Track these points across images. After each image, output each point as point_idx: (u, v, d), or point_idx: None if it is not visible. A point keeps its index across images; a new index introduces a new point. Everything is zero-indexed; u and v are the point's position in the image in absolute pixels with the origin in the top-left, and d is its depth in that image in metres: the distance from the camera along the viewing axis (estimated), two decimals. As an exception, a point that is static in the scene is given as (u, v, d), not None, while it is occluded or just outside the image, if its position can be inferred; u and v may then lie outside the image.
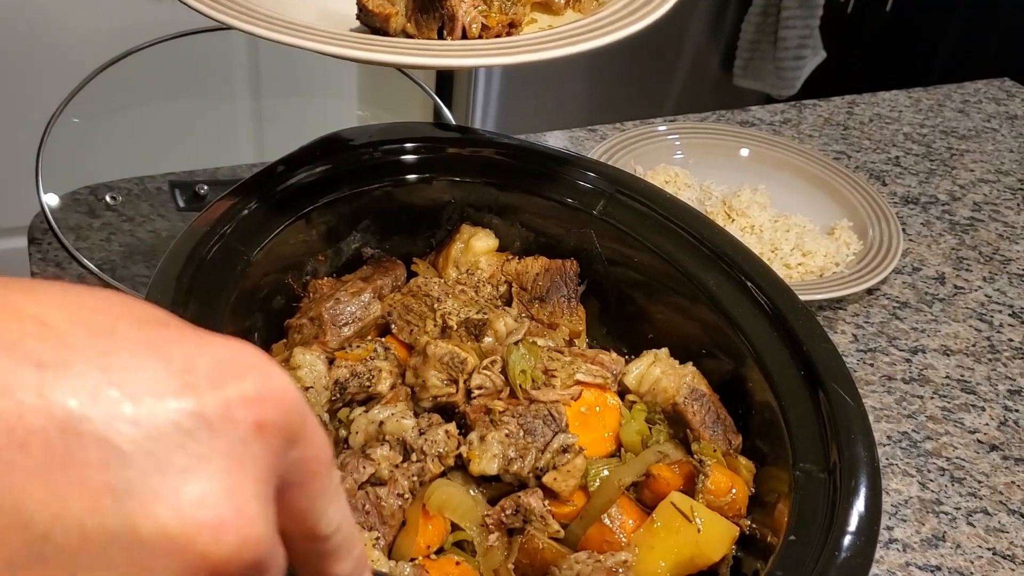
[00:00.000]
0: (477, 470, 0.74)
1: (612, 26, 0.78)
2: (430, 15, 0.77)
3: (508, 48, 0.75)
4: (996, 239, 1.52)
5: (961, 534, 1.04)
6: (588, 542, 0.75)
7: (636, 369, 0.85)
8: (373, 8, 0.76)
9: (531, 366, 0.81)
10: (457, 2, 0.76)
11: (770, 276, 0.86)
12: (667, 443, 0.82)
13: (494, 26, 0.78)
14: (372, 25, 0.78)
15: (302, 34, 0.71)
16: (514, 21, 0.79)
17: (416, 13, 0.77)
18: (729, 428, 0.82)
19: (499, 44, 0.76)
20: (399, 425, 0.75)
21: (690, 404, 0.82)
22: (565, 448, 0.75)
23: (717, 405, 0.83)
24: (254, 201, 0.84)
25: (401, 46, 0.74)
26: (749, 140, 1.55)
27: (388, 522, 0.72)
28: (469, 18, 0.77)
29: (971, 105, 1.91)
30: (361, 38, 0.75)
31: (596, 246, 0.94)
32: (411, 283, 0.91)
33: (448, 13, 0.76)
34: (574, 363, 0.82)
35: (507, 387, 0.80)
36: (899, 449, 1.13)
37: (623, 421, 0.82)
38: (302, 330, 0.84)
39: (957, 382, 1.24)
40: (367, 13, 0.77)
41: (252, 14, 0.73)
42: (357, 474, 0.72)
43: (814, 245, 1.34)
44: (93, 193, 1.34)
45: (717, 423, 0.82)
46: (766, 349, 0.80)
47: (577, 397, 0.80)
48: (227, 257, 0.79)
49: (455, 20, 0.76)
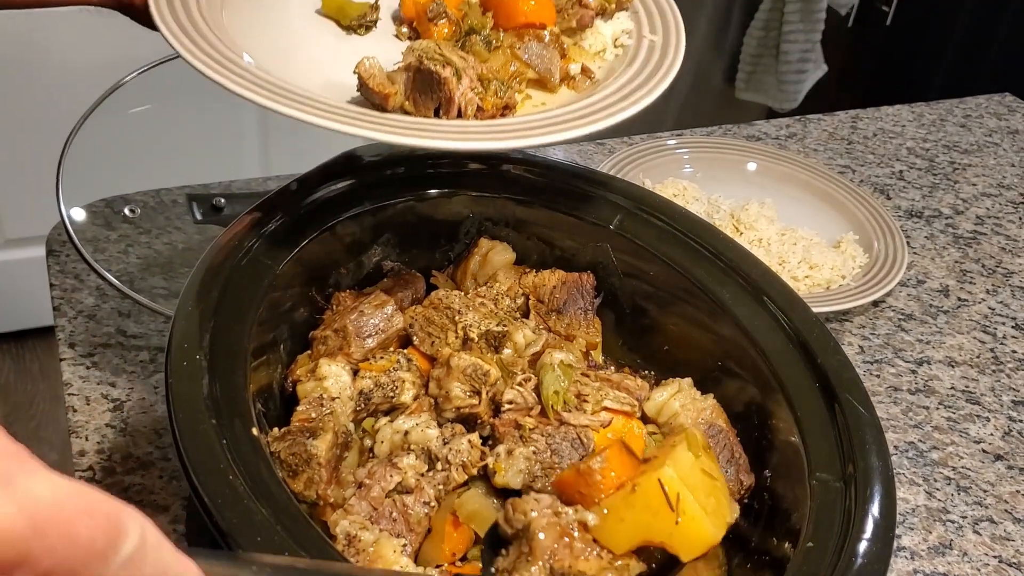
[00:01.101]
0: (501, 482, 0.76)
1: (603, 112, 0.80)
2: (428, 96, 0.79)
3: (501, 131, 0.78)
4: (999, 252, 1.55)
5: (968, 542, 1.06)
6: (564, 486, 0.71)
7: (658, 397, 0.86)
8: (374, 87, 0.78)
9: (564, 388, 0.83)
10: (455, 86, 0.78)
11: (784, 289, 0.88)
12: None
13: (489, 108, 0.80)
14: (371, 101, 0.80)
15: (302, 105, 0.73)
16: (508, 104, 0.82)
17: (415, 92, 0.79)
18: (742, 468, 0.83)
19: (493, 127, 0.79)
20: (424, 435, 0.77)
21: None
22: None
23: (733, 442, 0.84)
24: (279, 215, 0.86)
25: (398, 124, 0.76)
26: (756, 154, 1.57)
27: (415, 529, 0.74)
28: (465, 100, 0.79)
29: (973, 120, 1.94)
30: (360, 113, 0.77)
31: (612, 260, 0.96)
32: (432, 296, 0.93)
33: (446, 95, 0.78)
34: (602, 389, 0.84)
35: (538, 405, 0.82)
36: (906, 459, 1.15)
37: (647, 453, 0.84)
38: (327, 341, 0.86)
39: (962, 393, 1.26)
40: (367, 90, 0.79)
41: (255, 80, 0.75)
42: (385, 482, 0.74)
43: (821, 258, 1.36)
44: (109, 206, 1.36)
45: (730, 463, 0.83)
46: (781, 361, 0.82)
47: (607, 425, 0.81)
48: (253, 271, 0.81)
49: (451, 102, 0.79)
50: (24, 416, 2.56)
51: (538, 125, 0.79)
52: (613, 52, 0.94)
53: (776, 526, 0.78)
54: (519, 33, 0.88)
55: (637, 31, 0.94)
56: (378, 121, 0.76)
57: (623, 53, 0.93)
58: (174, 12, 0.81)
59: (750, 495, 0.83)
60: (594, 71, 0.91)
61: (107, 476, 1.00)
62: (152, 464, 1.02)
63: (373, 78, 0.78)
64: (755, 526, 0.81)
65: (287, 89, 0.76)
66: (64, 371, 1.12)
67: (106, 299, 1.23)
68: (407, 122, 0.78)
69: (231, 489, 0.63)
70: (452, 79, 0.78)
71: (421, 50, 0.80)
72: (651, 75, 0.87)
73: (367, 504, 0.73)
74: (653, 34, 0.93)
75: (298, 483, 0.73)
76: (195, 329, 0.74)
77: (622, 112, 0.80)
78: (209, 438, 0.66)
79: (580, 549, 0.68)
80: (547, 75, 0.87)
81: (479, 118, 0.80)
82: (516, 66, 0.86)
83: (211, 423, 0.67)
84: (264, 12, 0.91)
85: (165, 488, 0.99)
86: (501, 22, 0.89)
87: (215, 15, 0.85)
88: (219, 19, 0.86)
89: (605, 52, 0.94)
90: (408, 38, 0.93)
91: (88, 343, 1.16)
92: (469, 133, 0.77)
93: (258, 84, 0.75)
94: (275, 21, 0.91)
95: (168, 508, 0.97)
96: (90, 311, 1.21)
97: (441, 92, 0.78)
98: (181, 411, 0.67)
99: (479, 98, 0.80)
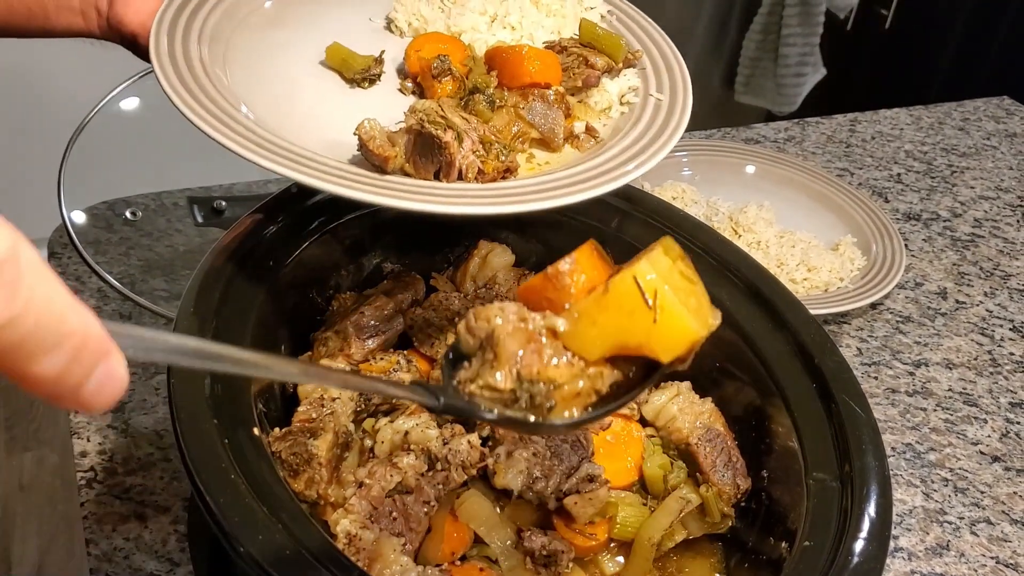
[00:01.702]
0: (501, 483, 0.77)
1: (605, 176, 0.79)
2: (428, 159, 0.78)
3: (502, 196, 0.76)
4: (996, 255, 1.55)
5: (965, 543, 1.06)
6: (530, 293, 0.64)
7: (656, 400, 0.87)
8: (374, 149, 0.77)
9: None
10: (456, 149, 0.77)
11: (781, 291, 0.88)
12: (688, 487, 0.83)
13: (490, 171, 0.79)
14: (371, 162, 0.78)
15: (300, 166, 0.72)
16: (510, 168, 0.81)
17: (415, 155, 0.78)
18: (739, 472, 0.84)
19: (493, 191, 0.78)
20: (424, 435, 0.78)
21: (702, 446, 0.84)
22: (592, 477, 0.78)
23: (731, 446, 0.85)
24: (280, 218, 0.87)
25: (398, 188, 0.75)
26: (754, 157, 1.58)
27: (415, 528, 0.75)
28: (466, 163, 0.78)
29: (971, 123, 1.94)
30: (359, 175, 0.76)
31: (610, 262, 0.96)
32: (432, 298, 0.93)
33: (447, 159, 0.77)
34: None
35: None
36: (903, 460, 1.16)
37: (646, 455, 0.84)
38: (327, 343, 0.87)
39: (959, 395, 1.26)
40: (368, 152, 0.77)
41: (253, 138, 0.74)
42: (384, 482, 0.75)
43: (819, 260, 1.36)
44: (111, 208, 1.37)
45: (728, 466, 0.83)
46: (778, 362, 0.83)
47: (606, 427, 0.82)
48: (254, 273, 0.82)
49: (452, 165, 0.77)
50: (24, 419, 2.57)
51: (539, 189, 0.77)
52: (619, 110, 0.92)
53: (773, 526, 0.79)
54: (524, 92, 0.86)
55: (644, 89, 0.93)
56: (377, 184, 0.74)
57: (629, 111, 0.91)
58: (175, 63, 0.80)
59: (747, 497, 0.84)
60: (599, 130, 0.89)
61: (108, 477, 1.00)
62: (153, 465, 1.02)
63: (373, 140, 0.77)
64: (752, 526, 0.81)
65: (286, 148, 0.75)
66: (66, 373, 1.13)
67: (107, 301, 1.24)
68: (407, 185, 0.76)
69: (233, 489, 0.64)
70: (453, 143, 0.77)
71: (423, 112, 0.79)
72: (656, 136, 0.85)
73: (367, 503, 0.74)
74: (660, 92, 0.92)
75: (299, 483, 0.73)
76: (196, 330, 0.74)
77: (625, 176, 0.79)
78: (211, 438, 0.66)
79: (550, 355, 0.61)
80: (551, 136, 0.86)
81: (480, 181, 0.79)
82: (520, 126, 0.85)
83: (213, 423, 0.67)
84: (267, 63, 0.90)
85: (166, 489, 1.00)
86: (506, 81, 0.87)
87: (216, 64, 0.84)
88: (220, 68, 0.85)
89: (611, 110, 0.92)
90: (412, 93, 0.91)
91: (89, 345, 1.17)
92: (469, 197, 0.76)
93: (255, 142, 0.74)
94: (278, 72, 0.90)
95: (169, 508, 0.98)
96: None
97: (442, 155, 0.77)
98: (183, 412, 0.67)
99: (480, 161, 0.79)
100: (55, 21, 0.94)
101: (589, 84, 0.91)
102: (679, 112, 0.88)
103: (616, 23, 1.00)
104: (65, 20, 0.94)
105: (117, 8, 0.91)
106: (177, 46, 0.82)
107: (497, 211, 0.74)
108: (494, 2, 0.95)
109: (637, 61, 0.95)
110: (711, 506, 0.81)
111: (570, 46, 0.92)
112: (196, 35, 0.85)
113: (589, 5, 0.99)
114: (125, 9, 0.90)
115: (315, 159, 0.75)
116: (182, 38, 0.83)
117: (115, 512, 0.97)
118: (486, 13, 0.94)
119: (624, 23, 1.00)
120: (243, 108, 0.80)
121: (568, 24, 0.96)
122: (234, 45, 0.89)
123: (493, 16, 0.94)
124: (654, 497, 0.83)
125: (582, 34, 0.93)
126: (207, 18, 0.88)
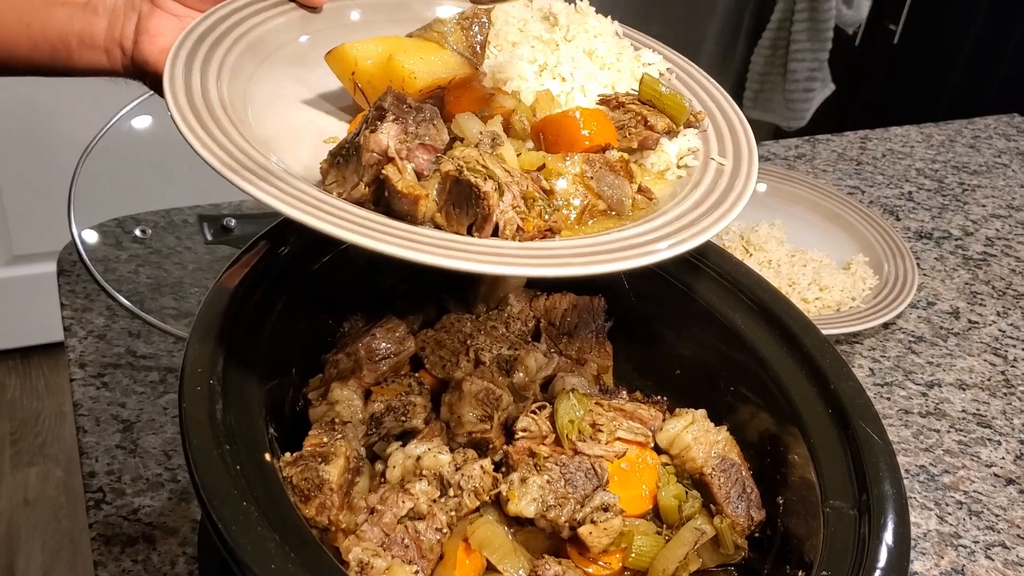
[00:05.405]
0: (514, 510, 0.76)
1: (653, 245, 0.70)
2: (463, 210, 0.70)
3: (540, 258, 0.68)
4: (1009, 274, 1.55)
5: (980, 567, 1.05)
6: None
7: (671, 428, 0.85)
8: (402, 189, 0.69)
9: (579, 417, 0.82)
10: (495, 202, 0.69)
11: (795, 314, 0.87)
12: (703, 517, 0.82)
13: (530, 230, 0.71)
14: (399, 208, 0.70)
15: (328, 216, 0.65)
16: (552, 228, 0.72)
17: (448, 204, 0.70)
18: (754, 503, 0.82)
19: (532, 251, 0.69)
20: (436, 460, 0.77)
21: (716, 476, 0.82)
22: (606, 507, 0.76)
23: (745, 476, 0.83)
24: (292, 239, 0.86)
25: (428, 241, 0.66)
26: (765, 175, 1.57)
27: (427, 556, 0.74)
28: (505, 219, 0.70)
29: (981, 140, 1.94)
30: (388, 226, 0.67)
31: (624, 283, 0.96)
32: (444, 319, 0.93)
33: (483, 211, 0.69)
34: (616, 419, 0.84)
35: (552, 434, 0.82)
36: (917, 483, 1.15)
37: (660, 483, 0.83)
38: (339, 365, 0.86)
39: (973, 416, 1.26)
40: (395, 194, 0.69)
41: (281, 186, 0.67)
42: (396, 508, 0.74)
43: (831, 280, 1.36)
44: (121, 226, 1.37)
45: (741, 497, 0.82)
46: (794, 387, 0.82)
47: (621, 455, 0.81)
48: (266, 295, 0.81)
49: (488, 220, 0.69)
50: (30, 432, 2.57)
51: (582, 253, 0.69)
52: (676, 173, 0.85)
53: (789, 555, 0.78)
54: (588, 159, 0.78)
55: (705, 152, 0.85)
56: (407, 237, 0.66)
57: (687, 175, 0.83)
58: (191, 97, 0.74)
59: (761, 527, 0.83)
60: (653, 192, 0.82)
61: (117, 497, 1.00)
62: (161, 485, 1.02)
63: (402, 179, 0.69)
64: (767, 556, 0.80)
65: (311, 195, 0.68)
66: (75, 391, 1.12)
67: (116, 319, 1.23)
68: (438, 238, 0.68)
69: (245, 516, 0.63)
70: (493, 194, 0.69)
71: (462, 159, 0.71)
72: (718, 202, 0.77)
73: (379, 530, 0.73)
74: (722, 156, 0.84)
75: (310, 508, 0.72)
76: (209, 353, 0.74)
77: (679, 246, 0.70)
78: (222, 465, 0.66)
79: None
80: (620, 208, 0.78)
81: (518, 239, 0.70)
82: (588, 198, 0.77)
83: (224, 448, 0.67)
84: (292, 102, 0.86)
85: (174, 510, 0.99)
86: (562, 150, 0.80)
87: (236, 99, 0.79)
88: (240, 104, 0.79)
89: (668, 172, 0.85)
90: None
91: (98, 363, 1.16)
92: (505, 256, 0.66)
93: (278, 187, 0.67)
94: (303, 112, 0.85)
95: (178, 531, 0.97)
96: (100, 331, 1.21)
97: (479, 208, 0.69)
98: (196, 438, 0.67)
99: (521, 218, 0.70)
100: (78, 59, 0.91)
101: (646, 147, 0.85)
102: (744, 178, 0.80)
103: (676, 82, 0.93)
104: (88, 58, 0.91)
105: (142, 46, 0.88)
106: (195, 79, 0.76)
107: (534, 273, 0.67)
108: (545, 50, 0.89)
109: (699, 123, 0.88)
110: (725, 538, 0.80)
111: (628, 103, 0.86)
112: (216, 67, 0.80)
113: (648, 61, 0.93)
114: (151, 47, 0.88)
115: (342, 208, 0.68)
116: (200, 70, 0.78)
117: (123, 534, 0.97)
118: (535, 61, 0.88)
119: (685, 82, 0.94)
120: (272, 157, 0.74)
121: (624, 79, 0.90)
122: (258, 81, 0.84)
123: (543, 65, 0.88)
124: (669, 526, 0.82)
125: (642, 91, 0.86)
126: (230, 50, 0.83)
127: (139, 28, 0.88)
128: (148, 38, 0.88)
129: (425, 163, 0.72)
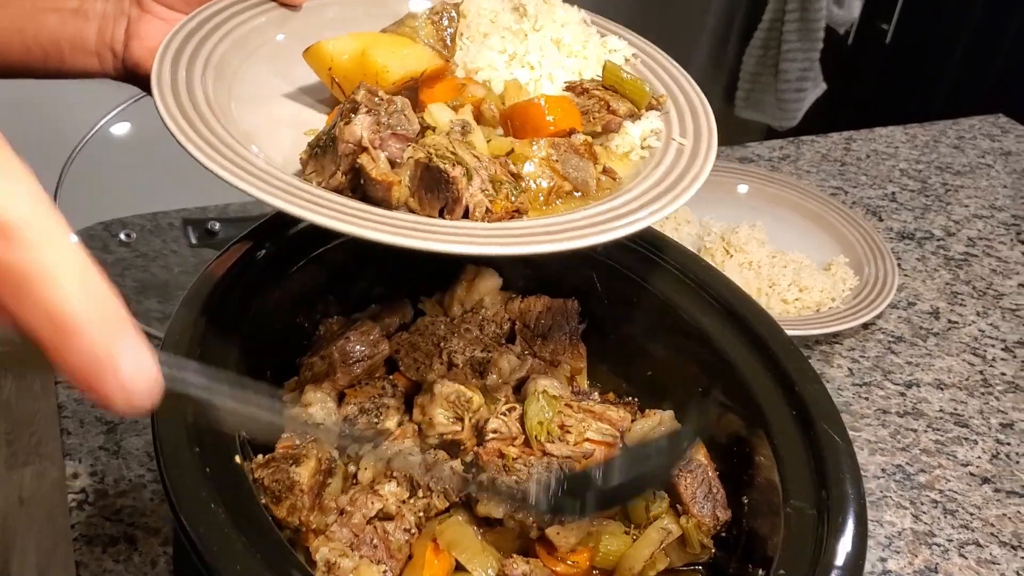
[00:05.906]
0: (483, 511, 0.77)
1: (619, 220, 0.75)
2: (434, 195, 0.75)
3: (509, 236, 0.73)
4: (989, 274, 1.56)
5: (953, 566, 1.06)
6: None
7: (638, 429, 0.87)
8: (376, 176, 0.73)
9: (548, 419, 0.84)
10: (464, 186, 0.74)
11: (764, 318, 0.89)
12: (669, 517, 0.83)
13: (498, 211, 0.76)
14: (374, 195, 0.75)
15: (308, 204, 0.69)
16: (520, 209, 0.77)
17: (420, 190, 0.75)
18: (719, 503, 0.83)
19: (500, 231, 0.74)
20: (406, 462, 0.78)
21: (683, 477, 0.83)
22: None
23: (711, 477, 0.84)
24: (267, 244, 0.87)
25: (402, 224, 0.71)
26: (747, 176, 1.58)
27: (395, 556, 0.75)
28: (474, 202, 0.75)
29: (966, 141, 1.95)
30: (364, 211, 0.72)
31: (597, 286, 0.97)
32: (418, 322, 0.94)
33: (453, 195, 0.74)
34: (584, 420, 0.85)
35: (522, 435, 0.83)
36: (893, 482, 1.16)
37: None
38: (313, 367, 0.88)
39: (950, 415, 1.27)
40: (370, 181, 0.74)
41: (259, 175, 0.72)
42: (365, 509, 0.75)
43: (811, 281, 1.37)
44: (107, 229, 1.38)
45: (708, 497, 0.83)
46: (759, 389, 0.83)
47: (589, 456, 0.82)
48: (241, 298, 0.83)
49: (458, 202, 0.74)
50: (25, 432, 2.58)
51: (549, 231, 0.74)
52: (639, 154, 0.89)
53: (752, 554, 0.79)
54: (553, 143, 0.83)
55: (667, 132, 0.90)
56: (382, 221, 0.70)
57: (650, 155, 0.88)
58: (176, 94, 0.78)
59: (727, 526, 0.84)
60: (617, 172, 0.86)
61: (99, 499, 1.01)
62: (144, 486, 1.03)
63: (375, 167, 0.74)
64: (733, 555, 0.82)
65: (290, 184, 0.72)
66: (59, 394, 1.14)
67: (102, 322, 1.24)
68: (411, 222, 0.73)
69: (213, 519, 0.64)
70: (462, 179, 0.74)
71: (432, 147, 0.76)
72: (677, 180, 0.82)
73: (348, 531, 0.75)
74: (683, 137, 0.89)
75: (281, 509, 0.74)
76: (184, 354, 0.75)
77: (639, 222, 0.75)
78: (192, 468, 0.67)
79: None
80: (585, 188, 0.83)
81: (487, 220, 0.75)
82: (554, 180, 0.81)
83: (195, 452, 0.68)
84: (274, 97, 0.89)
85: (156, 511, 1.00)
86: (528, 136, 0.85)
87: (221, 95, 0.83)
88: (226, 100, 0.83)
89: (632, 153, 0.89)
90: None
91: (83, 366, 1.17)
92: (475, 237, 0.72)
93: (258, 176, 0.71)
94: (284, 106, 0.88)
95: (159, 531, 0.98)
96: (86, 334, 1.22)
97: (448, 192, 0.74)
98: (166, 442, 0.68)
99: (489, 200, 0.75)
100: (70, 63, 0.93)
101: (610, 130, 0.89)
102: (702, 157, 0.85)
103: (641, 66, 0.97)
104: (80, 62, 0.92)
105: (133, 50, 0.90)
106: (181, 75, 0.80)
107: (503, 252, 0.72)
108: (514, 41, 0.92)
109: (661, 106, 0.92)
110: (691, 538, 0.81)
111: (592, 88, 0.90)
112: (201, 65, 0.84)
113: (613, 48, 0.97)
114: (141, 50, 0.89)
115: (320, 196, 0.73)
116: (186, 68, 0.82)
117: (105, 534, 0.98)
118: (505, 51, 0.92)
119: (649, 66, 0.97)
120: (253, 148, 0.78)
121: (590, 66, 0.94)
122: (241, 78, 0.88)
123: (512, 54, 0.92)
124: (636, 526, 0.83)
125: (605, 77, 0.91)
126: (214, 48, 0.86)
127: (129, 32, 0.91)
128: (138, 42, 0.90)
129: (397, 151, 0.77)
